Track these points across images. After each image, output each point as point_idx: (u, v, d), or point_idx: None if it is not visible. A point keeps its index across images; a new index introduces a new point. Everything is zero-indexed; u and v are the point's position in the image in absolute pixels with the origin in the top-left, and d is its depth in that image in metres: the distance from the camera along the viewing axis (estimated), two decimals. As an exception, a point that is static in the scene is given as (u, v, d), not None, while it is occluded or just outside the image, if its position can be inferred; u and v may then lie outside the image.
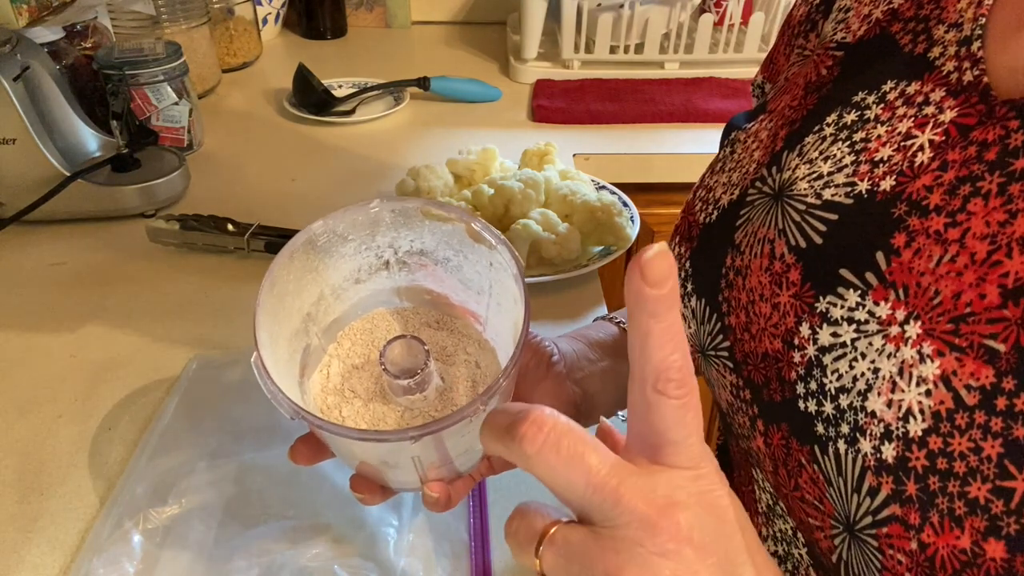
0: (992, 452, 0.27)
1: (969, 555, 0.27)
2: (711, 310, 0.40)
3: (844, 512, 0.32)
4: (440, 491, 0.40)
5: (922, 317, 0.30)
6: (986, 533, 0.27)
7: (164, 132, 0.98)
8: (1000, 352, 0.27)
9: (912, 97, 0.33)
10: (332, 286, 0.44)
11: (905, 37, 0.35)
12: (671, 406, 0.27)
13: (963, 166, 0.31)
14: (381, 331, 0.45)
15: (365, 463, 0.41)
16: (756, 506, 0.44)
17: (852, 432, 0.31)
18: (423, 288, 0.46)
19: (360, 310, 0.46)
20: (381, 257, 0.44)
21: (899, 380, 0.30)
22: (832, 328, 0.33)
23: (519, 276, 0.39)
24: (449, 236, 0.43)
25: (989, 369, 0.28)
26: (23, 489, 0.55)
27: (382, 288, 0.46)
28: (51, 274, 0.79)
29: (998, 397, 0.27)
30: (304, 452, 0.42)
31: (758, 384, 0.36)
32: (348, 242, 0.43)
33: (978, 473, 0.27)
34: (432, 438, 0.35)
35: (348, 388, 0.43)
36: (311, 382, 0.43)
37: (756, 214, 0.38)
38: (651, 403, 0.27)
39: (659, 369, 0.27)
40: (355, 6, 1.48)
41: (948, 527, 0.28)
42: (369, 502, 0.43)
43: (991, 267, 0.28)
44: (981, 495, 0.27)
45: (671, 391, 0.27)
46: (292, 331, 0.42)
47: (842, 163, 0.35)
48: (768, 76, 0.50)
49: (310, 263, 0.42)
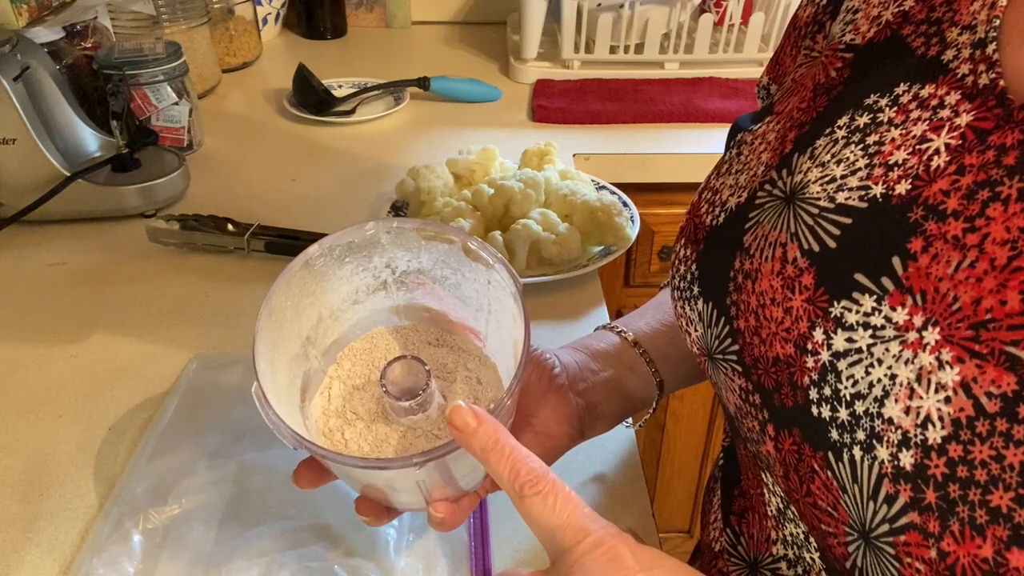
0: (1015, 460, 0.27)
1: (991, 564, 0.27)
2: (719, 313, 0.39)
3: (859, 519, 0.32)
4: (445, 511, 0.41)
5: (940, 323, 0.30)
6: (1009, 542, 0.27)
7: (164, 132, 0.98)
8: (1022, 359, 0.27)
9: (926, 100, 0.33)
10: (330, 308, 0.44)
11: (917, 39, 0.35)
12: (536, 502, 0.34)
13: (981, 170, 0.30)
14: (381, 351, 0.45)
15: (369, 486, 0.41)
16: (765, 509, 0.43)
17: (868, 439, 0.31)
18: (422, 306, 0.46)
19: (359, 330, 0.46)
20: (379, 278, 0.44)
21: (917, 387, 0.30)
22: (847, 333, 0.33)
23: (518, 295, 0.39)
24: (446, 255, 0.43)
25: (1011, 376, 0.27)
26: (23, 489, 0.55)
27: (380, 308, 0.46)
28: (51, 274, 0.79)
29: (1020, 405, 0.27)
30: (308, 476, 0.42)
31: (768, 389, 0.36)
32: (345, 264, 0.43)
33: (1000, 481, 0.27)
34: (436, 462, 0.35)
35: (350, 410, 0.43)
36: (312, 405, 0.43)
37: (766, 217, 0.38)
38: (522, 506, 0.35)
39: (511, 480, 0.35)
40: (355, 6, 1.48)
41: (969, 536, 0.28)
42: (375, 524, 0.43)
43: (1012, 273, 0.28)
44: (1004, 504, 0.27)
45: (527, 491, 0.34)
46: (292, 356, 0.42)
47: (855, 166, 0.35)
48: (774, 78, 0.50)
49: (307, 287, 0.42)
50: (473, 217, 0.77)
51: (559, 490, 0.34)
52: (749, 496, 0.47)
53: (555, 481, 0.35)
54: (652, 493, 1.35)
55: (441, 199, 0.81)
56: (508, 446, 0.35)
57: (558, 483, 0.35)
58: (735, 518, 0.49)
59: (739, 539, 0.48)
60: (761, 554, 0.45)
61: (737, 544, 0.48)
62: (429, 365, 0.40)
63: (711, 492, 0.56)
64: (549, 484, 0.34)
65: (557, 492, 0.34)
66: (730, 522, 0.50)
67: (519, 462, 0.35)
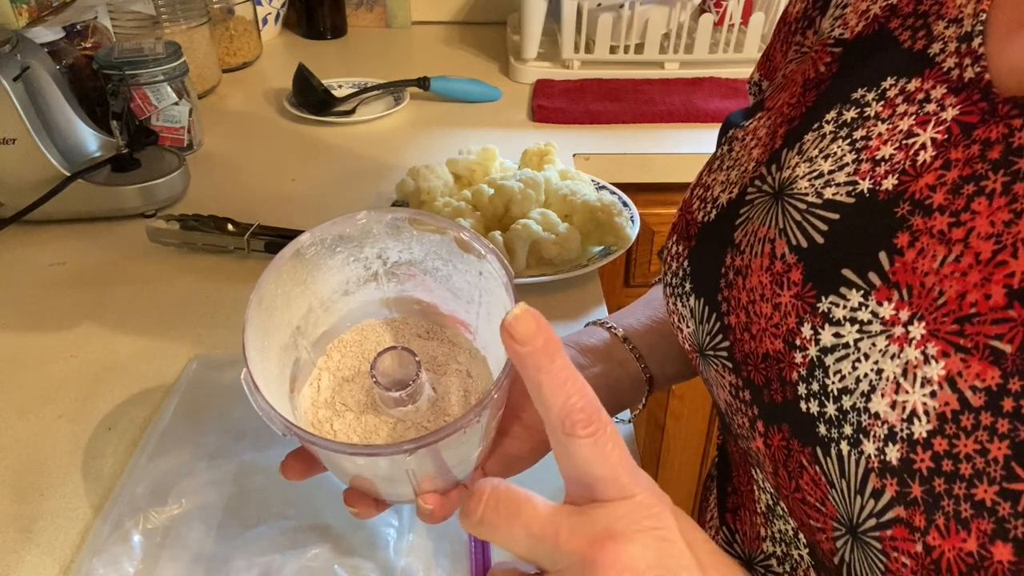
0: (999, 454, 0.27)
1: (976, 558, 0.27)
2: (710, 309, 0.40)
3: (847, 514, 0.32)
4: (434, 503, 0.40)
5: (926, 318, 0.30)
6: (993, 536, 0.27)
7: (164, 132, 0.98)
8: (1006, 353, 0.27)
9: (913, 94, 0.33)
10: (321, 299, 0.44)
11: (904, 33, 0.35)
12: (585, 444, 0.30)
13: (966, 165, 0.30)
14: (371, 343, 0.45)
15: (359, 477, 0.41)
16: (755, 506, 0.43)
17: (855, 433, 0.31)
18: (412, 298, 0.46)
19: (349, 322, 0.46)
20: (370, 268, 0.44)
21: (903, 381, 0.30)
22: (834, 328, 0.33)
23: (509, 285, 0.39)
24: (438, 246, 0.43)
25: (995, 370, 0.27)
26: (23, 489, 0.55)
27: (371, 299, 0.46)
28: (51, 274, 0.79)
29: (1004, 398, 0.27)
30: (296, 467, 0.42)
31: (758, 385, 0.36)
32: (336, 254, 0.43)
33: (984, 475, 0.27)
34: (427, 450, 0.35)
35: (339, 401, 0.42)
36: (301, 396, 0.43)
37: (756, 213, 0.38)
38: (566, 446, 0.30)
39: (562, 414, 0.30)
40: (355, 6, 1.48)
41: (954, 530, 0.28)
42: (363, 516, 0.42)
43: (996, 267, 0.28)
44: (988, 497, 0.27)
45: (579, 431, 0.29)
46: (281, 345, 0.42)
47: (843, 161, 0.35)
48: (765, 73, 0.50)
49: (298, 276, 0.42)
50: (473, 217, 0.77)
51: (612, 436, 0.30)
52: (741, 493, 0.47)
53: (609, 424, 0.30)
54: (652, 493, 1.35)
55: (441, 199, 0.81)
56: (565, 370, 0.30)
57: (611, 427, 0.30)
58: (730, 515, 0.49)
59: (734, 536, 0.48)
60: (754, 551, 0.45)
61: (733, 542, 0.48)
62: (419, 357, 0.40)
63: (707, 490, 0.56)
64: (602, 427, 0.30)
65: (609, 438, 0.30)
66: (725, 520, 0.50)
67: (574, 394, 0.30)
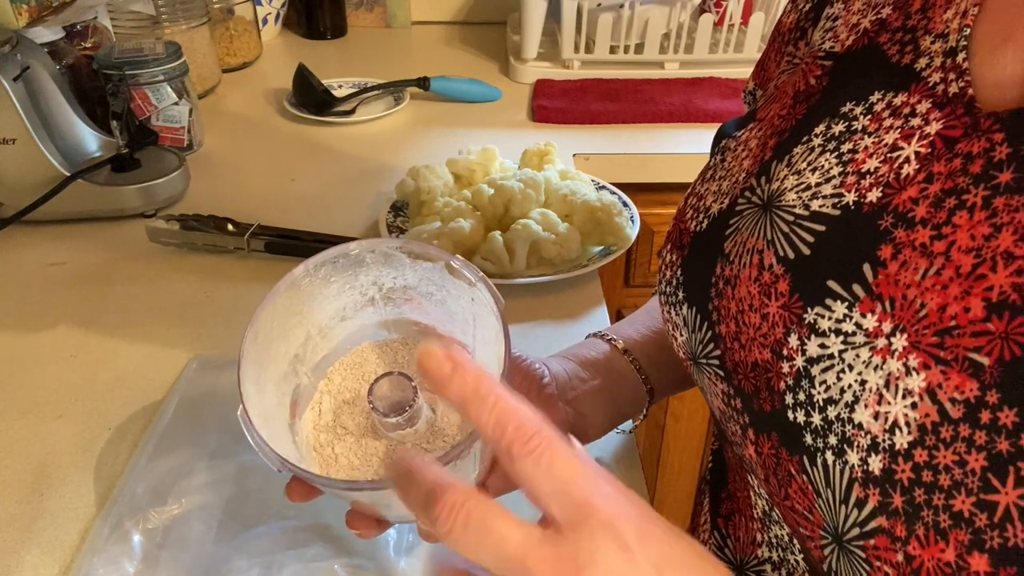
0: (976, 465, 0.27)
1: (954, 568, 0.27)
2: (702, 318, 0.40)
3: (832, 523, 0.32)
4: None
5: (908, 330, 0.30)
6: (970, 546, 0.27)
7: (164, 132, 0.98)
8: (984, 366, 0.28)
9: (899, 108, 0.34)
10: (319, 326, 0.44)
11: (892, 48, 0.35)
12: (527, 463, 0.28)
13: (948, 179, 0.31)
14: (371, 364, 0.46)
15: (358, 502, 0.42)
16: (752, 511, 0.44)
17: (840, 443, 0.32)
18: (410, 320, 0.47)
19: (349, 344, 0.46)
20: (366, 295, 0.45)
21: (885, 392, 0.30)
22: (820, 339, 0.33)
23: (499, 314, 0.40)
24: (430, 273, 0.43)
25: (973, 382, 0.28)
26: (23, 489, 0.55)
27: (369, 323, 0.46)
28: (51, 274, 0.79)
29: (982, 410, 0.27)
30: (299, 491, 0.42)
31: (748, 393, 0.37)
32: (331, 284, 0.44)
33: (962, 486, 0.27)
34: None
35: (340, 425, 0.43)
36: (303, 420, 0.44)
37: (745, 224, 0.38)
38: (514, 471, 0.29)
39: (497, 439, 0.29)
40: (355, 6, 1.48)
41: (933, 540, 0.28)
42: (366, 536, 0.43)
43: (976, 280, 0.29)
44: (965, 508, 0.27)
45: (515, 451, 0.28)
46: (280, 375, 0.43)
47: (830, 174, 0.35)
48: (759, 83, 0.50)
49: (294, 307, 0.43)
50: (473, 217, 0.77)
51: (556, 449, 0.28)
52: (736, 499, 0.47)
53: (550, 438, 0.28)
54: (652, 493, 1.35)
55: (441, 199, 0.81)
56: (493, 395, 0.29)
57: (555, 440, 0.28)
58: (722, 520, 0.49)
59: (726, 542, 0.49)
60: (747, 556, 0.45)
61: (724, 547, 0.49)
62: (416, 380, 0.40)
63: (701, 495, 0.57)
64: (543, 441, 0.28)
65: (553, 451, 0.28)
66: (717, 525, 0.50)
67: (506, 414, 0.29)
